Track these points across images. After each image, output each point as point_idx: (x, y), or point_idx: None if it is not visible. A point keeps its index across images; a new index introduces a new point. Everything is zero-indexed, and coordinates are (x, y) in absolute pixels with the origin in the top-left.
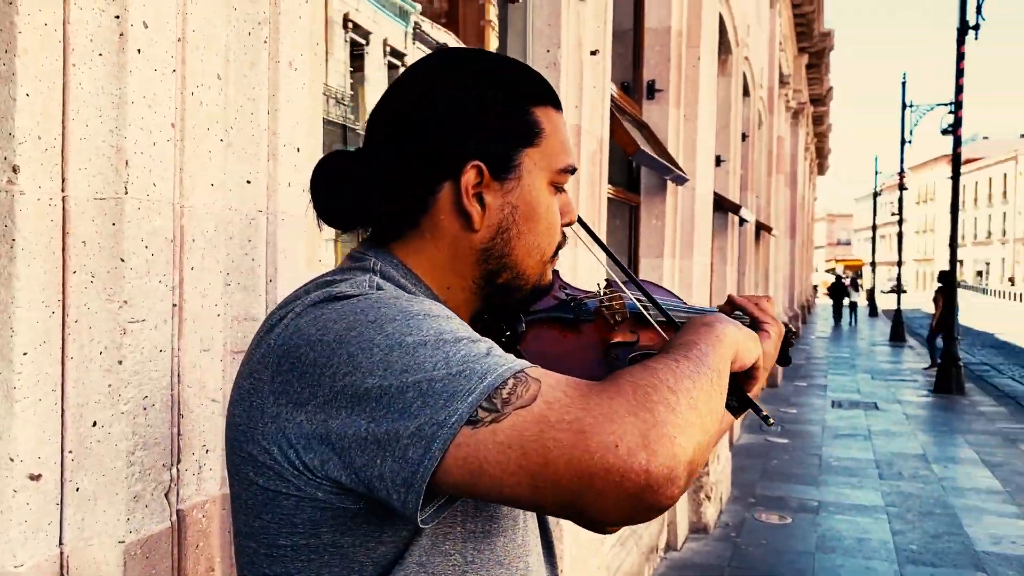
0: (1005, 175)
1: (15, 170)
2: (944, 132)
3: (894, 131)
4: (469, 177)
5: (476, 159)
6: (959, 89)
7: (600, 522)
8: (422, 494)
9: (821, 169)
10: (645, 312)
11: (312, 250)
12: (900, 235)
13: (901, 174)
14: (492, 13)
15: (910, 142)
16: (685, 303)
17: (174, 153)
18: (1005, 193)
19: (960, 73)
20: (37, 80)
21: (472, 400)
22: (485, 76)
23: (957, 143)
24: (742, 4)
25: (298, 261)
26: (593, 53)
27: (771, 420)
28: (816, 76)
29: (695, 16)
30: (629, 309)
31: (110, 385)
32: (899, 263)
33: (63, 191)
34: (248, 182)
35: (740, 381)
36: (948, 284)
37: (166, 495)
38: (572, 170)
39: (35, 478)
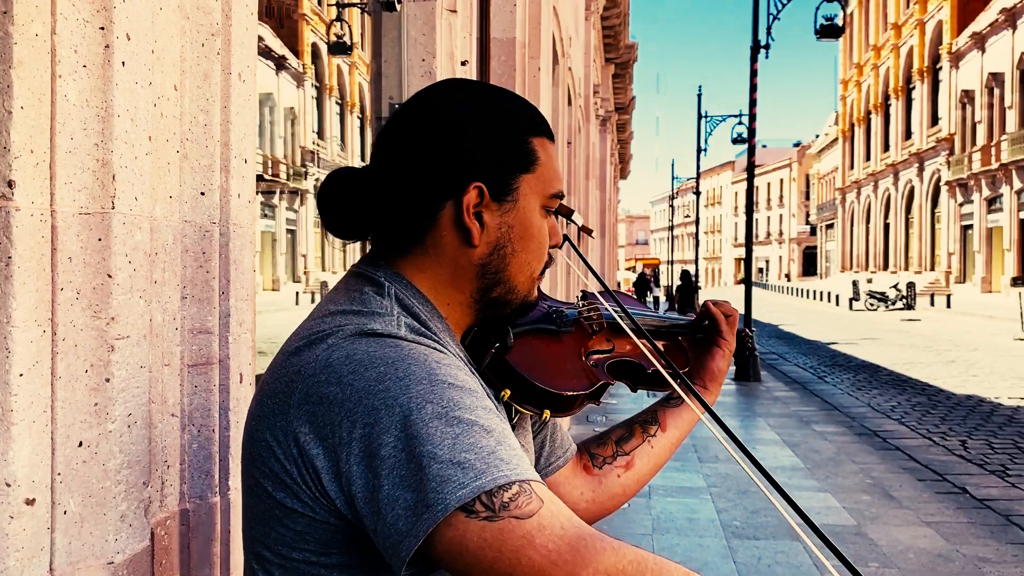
0: (781, 180)
1: (11, 185)
2: (735, 141)
3: (688, 140)
4: (471, 197)
5: (478, 181)
6: (753, 103)
7: None
8: (404, 563)
9: (623, 174)
10: (620, 322)
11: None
12: (697, 235)
13: (698, 179)
14: (306, 6)
15: (705, 150)
16: (657, 314)
17: (151, 167)
18: (782, 197)
19: (753, 88)
20: (30, 92)
21: (462, 495)
22: (489, 106)
23: (751, 152)
24: (565, 16)
25: (248, 273)
26: (463, 64)
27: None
28: (621, 86)
29: (535, 27)
30: (606, 319)
31: (96, 404)
32: (696, 260)
33: (52, 206)
34: (202, 194)
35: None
36: (686, 282)
37: (145, 512)
38: (561, 195)
39: (30, 503)
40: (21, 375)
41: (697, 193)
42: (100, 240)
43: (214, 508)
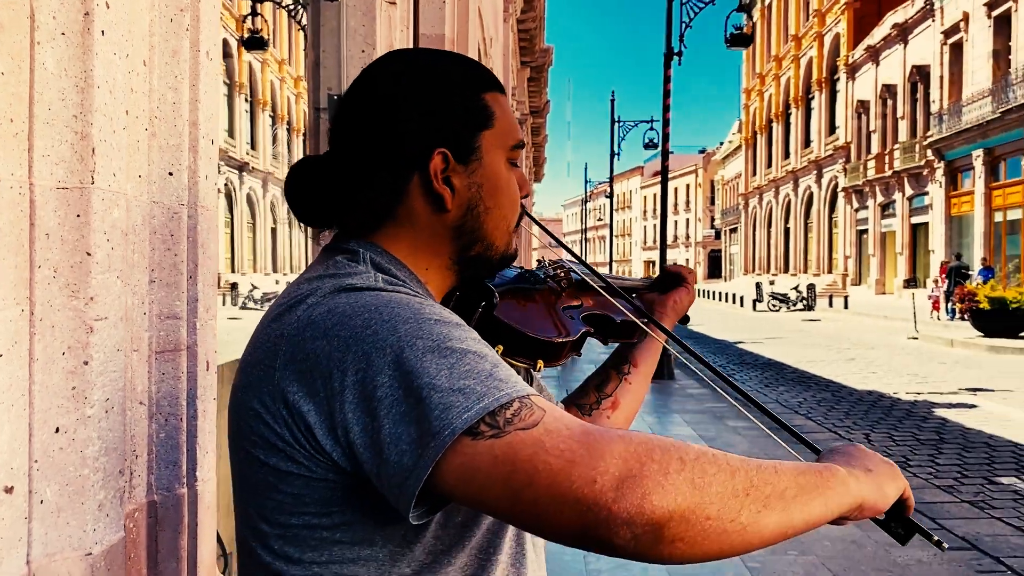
0: (688, 186)
1: None
2: (646, 146)
3: (601, 144)
4: (436, 163)
5: (440, 147)
6: (666, 108)
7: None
8: (413, 498)
9: (538, 177)
10: (587, 279)
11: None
12: (611, 238)
13: (611, 183)
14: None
15: (619, 155)
16: (618, 277)
17: (128, 142)
18: (688, 202)
19: (667, 94)
20: (10, 58)
21: (467, 418)
22: (436, 71)
23: (665, 156)
24: (487, 17)
25: (214, 258)
26: None
27: (944, 545)
28: (536, 89)
29: (463, 25)
30: (574, 277)
31: (74, 387)
32: (610, 262)
33: (30, 179)
34: (170, 174)
35: (900, 510)
36: None
37: (120, 502)
38: (522, 145)
39: (8, 491)
40: (1, 356)
41: (611, 197)
42: (79, 216)
43: (181, 500)
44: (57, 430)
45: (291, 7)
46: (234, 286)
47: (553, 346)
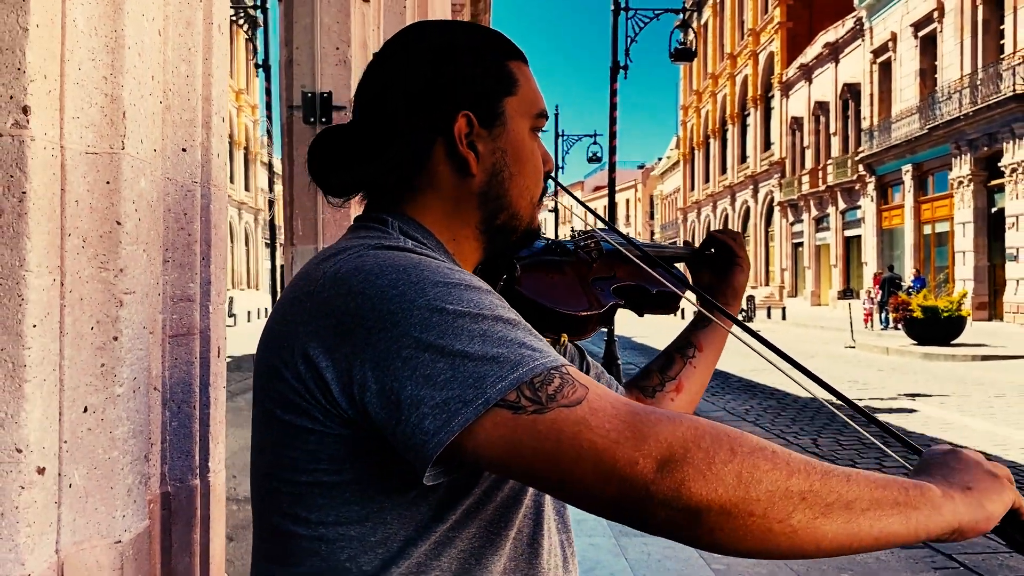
0: (628, 200)
1: (25, 111)
2: (590, 160)
3: None
4: (460, 125)
5: (464, 109)
6: (613, 121)
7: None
8: (430, 462)
9: None
10: (621, 249)
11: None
12: None
13: (556, 197)
14: None
15: (563, 168)
16: (653, 244)
17: (157, 109)
18: (628, 217)
19: (614, 107)
20: (44, 11)
21: (502, 387)
22: (462, 36)
23: (612, 168)
24: None
25: (225, 240)
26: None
27: None
28: None
29: None
30: (605, 247)
31: (103, 364)
32: None
33: (61, 141)
34: (184, 150)
35: (1014, 518)
36: None
37: (146, 487)
38: (546, 115)
39: (41, 472)
40: (35, 326)
41: (556, 212)
42: (108, 183)
43: (195, 492)
44: (86, 409)
45: (234, 15)
46: None
47: (577, 319)
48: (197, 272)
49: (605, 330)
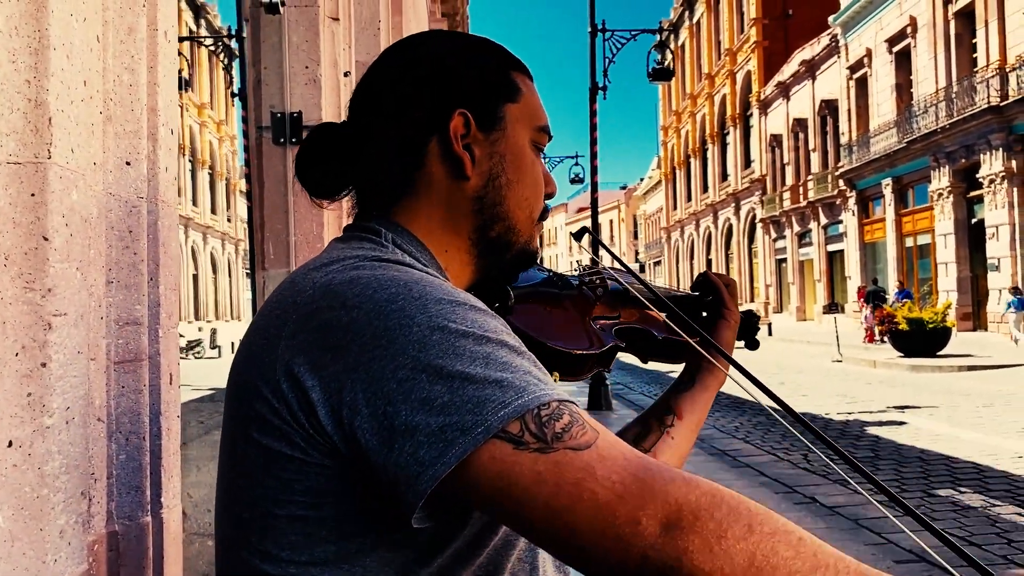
0: (611, 221)
1: None
2: (572, 181)
3: None
4: (456, 124)
5: (461, 108)
6: (593, 141)
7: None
8: (422, 497)
9: None
10: (629, 288)
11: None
12: None
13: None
14: None
15: None
16: (654, 286)
17: (96, 119)
18: (612, 237)
19: (594, 127)
20: None
21: (504, 415)
22: (466, 41)
23: (595, 188)
24: None
25: (176, 258)
26: (346, 75)
27: None
28: None
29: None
30: (611, 286)
31: (30, 394)
32: None
33: None
34: (128, 163)
35: None
36: None
37: (83, 529)
38: (549, 131)
39: None
40: None
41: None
42: (33, 196)
43: (146, 530)
44: (10, 444)
45: (212, 45)
46: None
47: (571, 357)
48: (144, 294)
49: None
